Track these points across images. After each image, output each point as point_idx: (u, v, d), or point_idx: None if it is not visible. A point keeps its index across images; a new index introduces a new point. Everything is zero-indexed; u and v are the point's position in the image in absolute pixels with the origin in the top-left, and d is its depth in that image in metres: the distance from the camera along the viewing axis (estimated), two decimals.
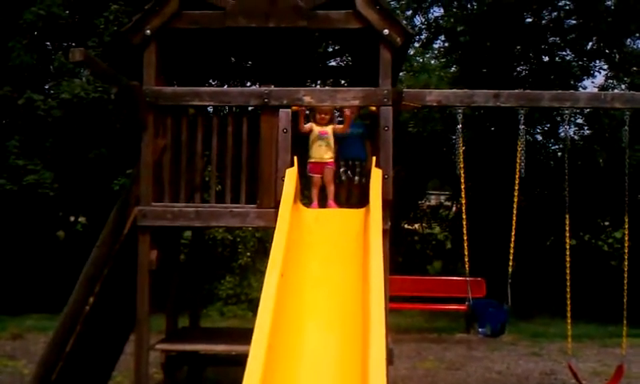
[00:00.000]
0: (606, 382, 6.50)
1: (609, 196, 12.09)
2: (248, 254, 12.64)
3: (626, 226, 6.21)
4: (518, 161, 5.97)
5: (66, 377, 5.39)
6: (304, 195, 5.60)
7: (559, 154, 14.84)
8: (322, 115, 5.51)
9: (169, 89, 5.44)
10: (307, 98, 5.31)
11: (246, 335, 3.56)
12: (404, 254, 15.13)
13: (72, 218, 14.53)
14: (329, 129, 5.51)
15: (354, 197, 5.74)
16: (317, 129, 5.49)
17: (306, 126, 5.53)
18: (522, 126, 5.84)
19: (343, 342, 3.90)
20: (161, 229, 5.34)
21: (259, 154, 5.30)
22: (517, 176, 5.98)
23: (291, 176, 5.06)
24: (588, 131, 15.20)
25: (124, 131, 11.18)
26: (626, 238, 6.27)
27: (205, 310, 11.51)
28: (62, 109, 11.55)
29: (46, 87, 12.36)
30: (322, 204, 5.42)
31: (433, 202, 17.98)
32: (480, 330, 6.04)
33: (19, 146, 11.57)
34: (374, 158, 5.31)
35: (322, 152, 5.48)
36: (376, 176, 5.08)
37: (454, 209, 16.55)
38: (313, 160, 5.52)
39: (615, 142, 11.95)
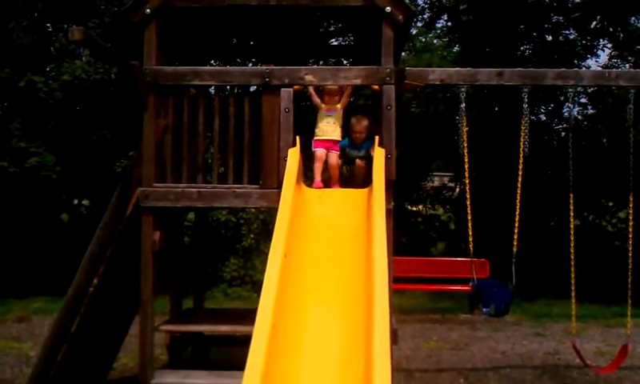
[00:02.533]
0: (610, 362, 6.50)
1: (613, 176, 12.02)
2: (252, 235, 12.66)
3: (631, 206, 6.18)
4: (522, 140, 5.93)
5: (71, 358, 5.40)
6: (307, 176, 5.56)
7: (563, 133, 14.78)
8: (331, 96, 5.42)
9: (169, 68, 5.39)
10: (309, 77, 5.27)
11: (250, 316, 3.55)
12: (408, 235, 15.12)
13: (75, 201, 14.54)
14: (338, 106, 5.43)
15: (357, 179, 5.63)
16: (324, 106, 5.43)
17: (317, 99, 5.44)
18: (526, 105, 5.80)
19: (347, 322, 3.89)
20: (163, 210, 5.32)
21: (261, 134, 5.27)
22: (521, 155, 5.95)
23: (293, 156, 5.03)
24: (592, 111, 15.14)
25: (126, 113, 11.14)
26: (630, 218, 6.25)
27: (209, 292, 11.55)
28: (63, 91, 11.51)
29: (47, 69, 12.30)
30: (325, 183, 5.36)
31: (436, 183, 17.91)
32: (484, 309, 6.04)
33: (21, 129, 11.55)
34: (377, 138, 5.27)
35: (330, 129, 5.37)
36: (379, 155, 5.05)
37: (457, 190, 16.49)
38: (318, 137, 5.40)
39: (619, 121, 11.84)
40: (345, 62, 9.04)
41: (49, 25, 12.98)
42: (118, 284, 5.69)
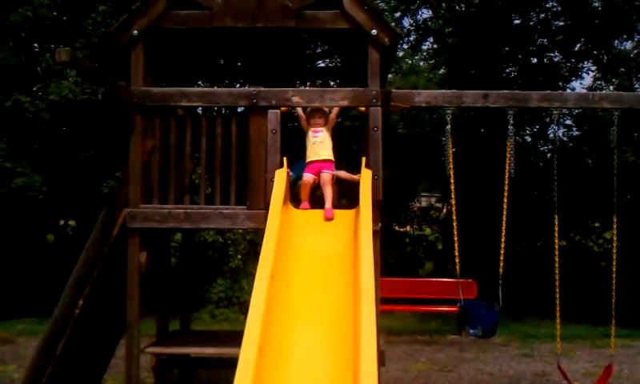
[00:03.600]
0: (594, 382, 6.50)
1: (598, 197, 12.10)
2: (239, 256, 12.62)
3: (615, 227, 6.21)
4: (508, 161, 5.97)
5: (56, 381, 5.34)
6: (295, 199, 5.56)
7: (548, 155, 14.91)
8: (316, 120, 5.43)
9: (156, 89, 5.41)
10: (296, 99, 5.30)
11: (236, 338, 3.53)
12: (395, 256, 15.14)
13: (62, 222, 14.45)
14: (323, 127, 5.42)
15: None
16: (311, 129, 5.43)
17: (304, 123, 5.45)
18: (511, 127, 5.84)
19: (334, 343, 3.87)
20: (150, 231, 5.30)
21: (248, 155, 5.28)
22: (506, 176, 5.99)
23: (281, 177, 5.04)
24: (577, 132, 15.30)
25: (113, 133, 11.12)
26: (614, 239, 6.28)
27: (196, 313, 11.48)
28: (50, 111, 11.50)
29: (34, 89, 12.28)
30: (312, 204, 5.35)
31: (424, 204, 17.99)
32: (471, 331, 6.01)
33: (7, 149, 11.49)
34: (364, 159, 5.30)
35: (318, 149, 5.35)
36: (366, 176, 5.07)
37: (444, 210, 16.58)
38: (309, 160, 5.38)
39: (604, 142, 12.00)
40: (332, 83, 9.10)
41: (36, 45, 13.00)
42: (104, 306, 5.65)
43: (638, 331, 10.67)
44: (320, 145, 5.37)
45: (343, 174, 5.51)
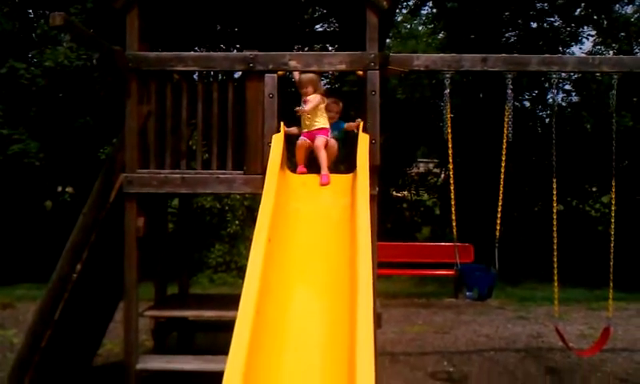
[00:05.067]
0: (592, 344, 6.59)
1: (596, 162, 12.14)
2: (237, 222, 12.67)
3: (613, 191, 6.24)
4: (506, 125, 5.97)
5: (55, 344, 5.39)
6: (291, 162, 5.55)
7: (547, 120, 14.88)
8: (302, 90, 5.33)
9: (152, 54, 5.35)
10: (293, 63, 5.26)
11: (234, 301, 3.54)
12: (393, 221, 15.20)
13: (59, 188, 14.45)
14: (311, 97, 5.28)
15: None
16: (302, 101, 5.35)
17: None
18: (510, 91, 5.83)
19: (331, 306, 3.89)
20: (147, 196, 5.30)
21: (245, 120, 5.26)
22: (504, 141, 5.99)
23: (278, 141, 5.02)
24: (576, 98, 15.24)
25: (109, 99, 11.07)
26: (613, 203, 6.31)
27: (195, 278, 11.57)
28: (45, 77, 11.42)
29: (29, 55, 12.18)
30: (310, 169, 5.34)
31: (422, 169, 18.00)
32: (467, 293, 6.08)
33: (3, 116, 11.44)
34: (361, 124, 5.28)
35: (312, 121, 5.28)
36: (363, 141, 5.05)
37: (442, 176, 16.59)
38: (303, 131, 5.33)
39: (603, 107, 11.97)
40: (330, 48, 9.03)
41: (30, 11, 12.85)
42: (102, 270, 5.68)
43: (632, 294, 10.76)
44: (309, 117, 5.29)
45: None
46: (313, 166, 5.28)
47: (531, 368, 7.01)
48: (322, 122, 5.31)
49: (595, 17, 14.75)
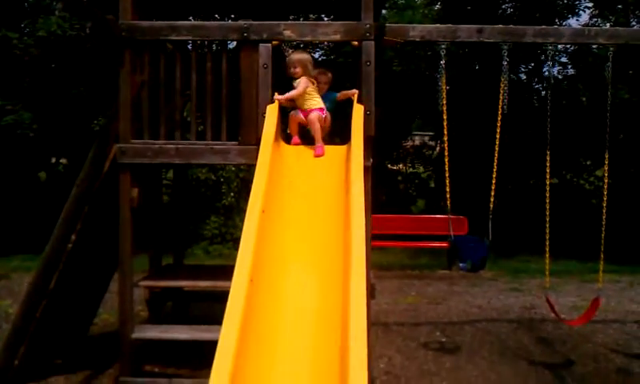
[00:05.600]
0: (581, 315, 6.65)
1: (591, 135, 12.13)
2: (232, 194, 12.67)
3: (606, 163, 6.25)
4: (501, 97, 5.96)
5: (51, 314, 5.42)
6: (286, 133, 5.53)
7: (543, 93, 14.83)
8: (291, 70, 5.26)
9: (145, 23, 5.29)
10: (288, 32, 5.22)
11: (229, 272, 3.54)
12: (388, 194, 15.21)
13: (53, 160, 14.40)
14: (297, 82, 5.23)
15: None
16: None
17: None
18: (505, 62, 5.81)
19: (325, 277, 3.91)
20: (141, 167, 5.29)
21: (240, 91, 5.23)
22: (499, 113, 5.98)
23: (272, 112, 5.00)
24: (572, 71, 15.18)
25: (102, 69, 10.98)
26: (605, 176, 6.33)
27: (190, 250, 11.60)
28: (38, 47, 11.30)
29: (22, 25, 12.04)
30: (304, 141, 5.32)
31: (417, 142, 17.98)
32: (461, 265, 6.11)
33: None
34: (356, 94, 5.26)
35: (303, 104, 5.23)
36: (358, 112, 5.04)
37: (437, 148, 16.58)
38: (300, 109, 5.28)
39: (599, 80, 11.93)
40: (325, 18, 8.95)
41: None
42: (97, 241, 5.69)
43: (625, 267, 10.87)
44: (308, 99, 5.24)
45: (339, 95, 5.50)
46: (307, 138, 5.27)
47: (523, 338, 7.08)
48: (316, 102, 5.25)
49: None
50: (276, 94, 5.21)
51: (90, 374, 5.67)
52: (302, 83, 5.22)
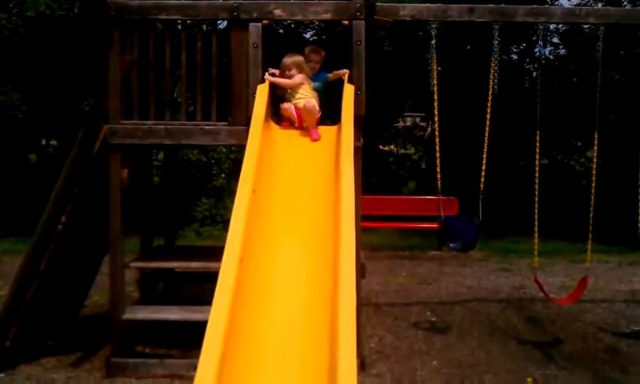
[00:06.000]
0: (569, 294, 6.72)
1: (582, 116, 12.17)
2: (223, 175, 12.64)
3: (596, 144, 6.29)
4: (492, 77, 5.97)
5: (41, 295, 5.41)
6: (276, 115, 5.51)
7: (534, 73, 14.82)
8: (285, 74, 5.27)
9: (134, 2, 5.24)
10: (278, 11, 5.19)
11: (220, 253, 3.54)
12: (379, 175, 15.23)
13: (43, 141, 14.31)
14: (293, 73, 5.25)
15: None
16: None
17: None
18: (497, 42, 5.81)
19: (315, 257, 3.92)
20: (131, 147, 5.27)
21: (230, 71, 5.21)
22: (489, 93, 5.99)
23: (262, 92, 4.99)
24: (563, 51, 15.17)
25: (92, 50, 10.89)
26: (594, 156, 6.37)
27: (181, 232, 11.59)
28: (27, 27, 11.18)
29: (10, 5, 11.89)
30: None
31: (408, 123, 17.98)
32: (451, 245, 6.14)
33: None
34: (347, 74, 5.25)
35: (296, 97, 5.20)
36: (348, 92, 5.03)
37: (429, 130, 16.58)
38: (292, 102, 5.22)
39: (590, 60, 11.93)
40: None
41: None
42: (87, 222, 5.68)
43: (614, 247, 10.95)
44: (299, 95, 5.21)
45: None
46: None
47: (512, 318, 7.14)
48: (308, 95, 5.23)
49: None
50: (267, 72, 5.19)
51: (82, 355, 5.68)
52: (297, 77, 5.21)
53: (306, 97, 5.20)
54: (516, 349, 6.07)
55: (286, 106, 5.22)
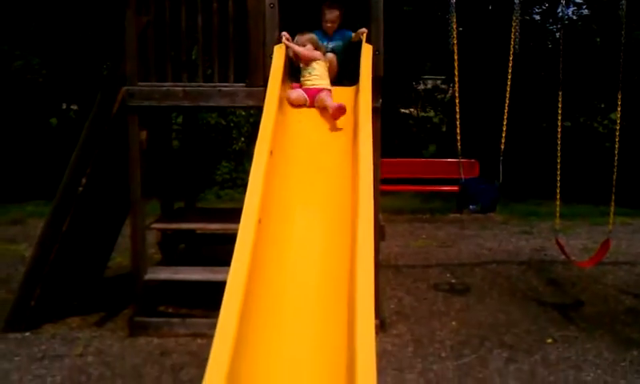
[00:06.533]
0: (591, 256, 6.66)
1: (606, 77, 11.92)
2: (242, 139, 12.66)
3: (619, 105, 6.17)
4: (513, 37, 5.87)
5: (64, 257, 5.49)
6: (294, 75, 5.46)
7: (557, 34, 14.54)
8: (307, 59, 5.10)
9: None
10: None
11: (239, 215, 3.52)
12: (399, 138, 15.13)
13: (64, 106, 14.39)
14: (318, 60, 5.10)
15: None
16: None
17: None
18: (518, 1, 5.71)
19: (333, 217, 3.91)
20: (149, 109, 5.28)
21: (247, 31, 5.16)
22: (511, 53, 5.90)
23: (279, 53, 4.94)
24: (586, 11, 14.85)
25: (109, 11, 10.85)
26: (618, 117, 6.25)
27: (202, 195, 11.66)
28: None
29: None
30: None
31: (429, 86, 17.78)
32: (471, 207, 6.10)
33: (3, 31, 11.26)
34: (365, 34, 5.18)
35: (314, 80, 5.01)
36: (366, 52, 4.96)
37: (449, 92, 16.39)
38: (304, 85, 5.04)
39: (613, 20, 11.65)
40: None
41: None
42: (107, 184, 5.73)
43: (637, 210, 10.81)
44: (316, 77, 5.03)
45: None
46: None
47: (533, 280, 7.11)
48: (325, 83, 5.01)
49: None
50: (284, 35, 5.13)
51: (105, 315, 5.78)
52: (316, 53, 5.10)
53: (324, 85, 4.99)
54: (536, 310, 6.06)
55: (293, 95, 4.94)
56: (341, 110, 4.60)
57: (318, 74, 5.05)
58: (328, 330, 3.15)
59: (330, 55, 5.32)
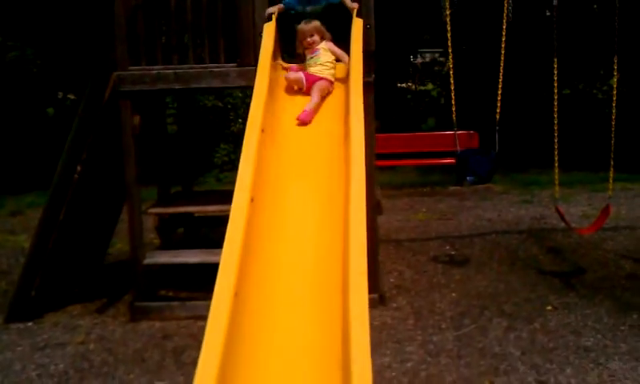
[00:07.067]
0: (592, 223, 6.66)
1: (604, 44, 11.82)
2: (240, 120, 12.62)
3: (615, 69, 6.13)
4: (506, 4, 5.82)
5: (62, 245, 5.51)
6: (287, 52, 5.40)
7: (554, 1, 14.38)
8: (308, 40, 4.89)
9: None
10: None
11: None
12: (398, 112, 15.07)
13: (60, 95, 14.35)
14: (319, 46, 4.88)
15: None
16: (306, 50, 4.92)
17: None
18: None
19: (326, 193, 3.88)
20: (141, 94, 5.26)
21: (237, 10, 5.12)
22: (504, 21, 5.86)
23: (269, 31, 4.89)
24: None
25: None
26: (615, 81, 6.21)
27: (202, 178, 11.66)
28: None
29: None
30: None
31: (427, 59, 17.69)
32: (468, 178, 6.08)
33: None
34: (356, 9, 5.12)
35: (318, 68, 4.77)
36: (357, 26, 4.91)
37: (447, 65, 16.30)
38: (306, 71, 4.79)
39: None
40: None
41: None
42: (103, 171, 5.72)
43: (637, 175, 10.78)
44: (321, 65, 4.79)
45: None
46: None
47: (533, 248, 7.12)
48: (328, 74, 4.78)
49: None
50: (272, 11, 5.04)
51: (107, 301, 5.81)
52: (330, 46, 4.88)
53: (328, 75, 4.78)
54: (536, 279, 6.07)
55: (292, 77, 4.74)
56: (302, 122, 4.40)
57: (322, 63, 4.81)
58: (322, 307, 3.15)
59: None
